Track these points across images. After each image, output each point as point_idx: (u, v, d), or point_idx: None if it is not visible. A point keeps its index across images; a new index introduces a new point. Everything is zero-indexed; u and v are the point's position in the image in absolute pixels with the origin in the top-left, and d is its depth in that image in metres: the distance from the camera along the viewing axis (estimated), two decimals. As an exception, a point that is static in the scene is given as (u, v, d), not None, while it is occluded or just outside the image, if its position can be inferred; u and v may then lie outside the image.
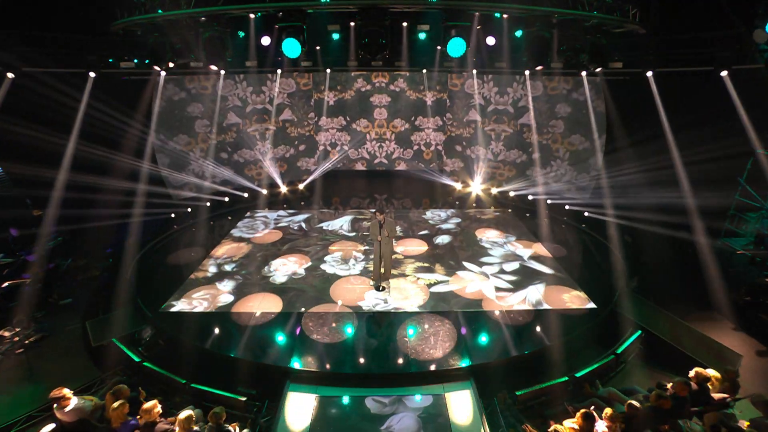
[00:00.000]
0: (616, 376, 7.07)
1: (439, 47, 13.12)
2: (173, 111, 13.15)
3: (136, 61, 9.76)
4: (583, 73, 12.26)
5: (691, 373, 5.77)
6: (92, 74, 10.19)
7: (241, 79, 14.58)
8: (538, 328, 7.75)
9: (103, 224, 10.12)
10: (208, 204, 13.48)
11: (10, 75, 8.97)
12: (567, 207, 13.18)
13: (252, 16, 9.03)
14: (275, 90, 15.15)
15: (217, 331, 7.75)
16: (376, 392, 6.35)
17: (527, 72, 13.36)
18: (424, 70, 14.50)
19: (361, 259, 9.85)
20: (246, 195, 14.50)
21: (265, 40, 11.74)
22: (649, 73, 10.48)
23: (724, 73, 9.09)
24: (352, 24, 11.82)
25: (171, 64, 8.88)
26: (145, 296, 8.72)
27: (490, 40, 11.48)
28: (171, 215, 12.64)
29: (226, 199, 13.83)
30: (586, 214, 12.35)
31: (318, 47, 13.07)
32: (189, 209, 13.22)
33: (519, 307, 8.16)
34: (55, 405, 5.21)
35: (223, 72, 13.42)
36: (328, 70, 14.38)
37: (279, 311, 8.18)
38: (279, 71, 14.15)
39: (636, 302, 8.24)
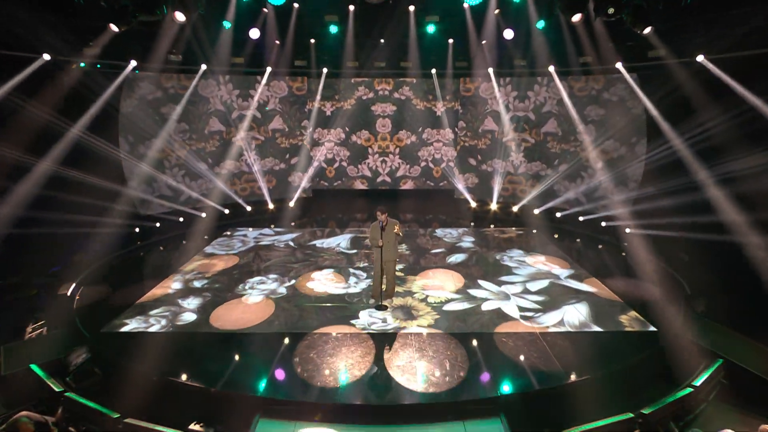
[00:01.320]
0: (696, 418, 5.83)
1: (451, 40, 12.20)
2: (146, 112, 12.38)
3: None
4: (619, 65, 11.34)
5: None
6: (46, 56, 9.19)
7: (226, 81, 13.98)
8: (583, 353, 6.79)
9: (52, 238, 9.29)
10: (182, 219, 12.86)
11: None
12: (603, 224, 12.36)
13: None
14: (264, 94, 14.77)
15: (172, 353, 6.74)
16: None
17: (552, 68, 12.72)
18: (434, 71, 14.13)
19: (362, 278, 9.25)
20: (227, 211, 13.92)
21: (254, 33, 11.13)
22: (701, 58, 9.43)
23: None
24: (351, 8, 11.07)
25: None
26: (87, 315, 7.76)
27: (508, 33, 10.91)
28: (135, 230, 11.84)
29: (203, 215, 13.21)
30: (627, 230, 11.50)
31: (312, 40, 12.40)
32: (158, 224, 12.43)
33: (556, 329, 7.37)
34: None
35: (203, 67, 12.78)
36: (325, 70, 14.01)
37: (255, 329, 7.41)
38: (269, 69, 13.75)
39: (707, 327, 7.25)
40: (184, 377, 6.19)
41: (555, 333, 7.28)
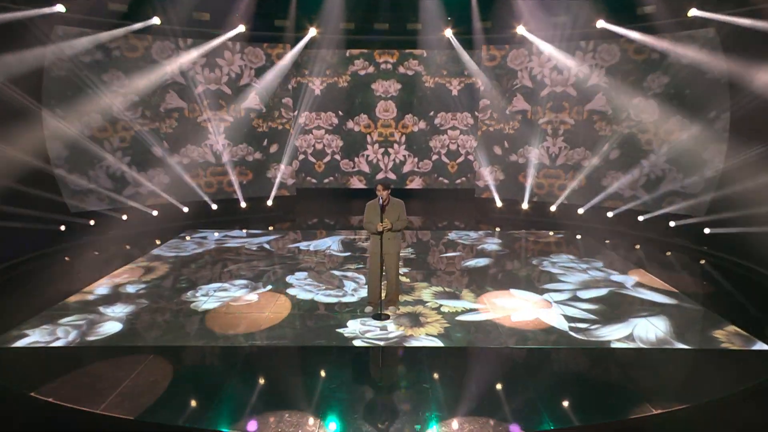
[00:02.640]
0: None
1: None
2: (81, 77, 11.64)
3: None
4: (693, 11, 10.36)
5: None
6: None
7: (188, 44, 13.39)
8: (665, 376, 5.91)
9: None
10: (125, 218, 12.38)
11: None
12: (672, 224, 11.70)
13: None
14: (236, 63, 14.18)
15: (79, 374, 5.78)
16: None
17: (601, 24, 12.11)
18: (450, 32, 13.71)
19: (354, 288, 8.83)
20: (186, 209, 13.50)
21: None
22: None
23: None
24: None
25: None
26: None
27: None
28: (60, 228, 11.10)
29: (155, 213, 12.85)
30: (706, 231, 10.90)
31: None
32: (92, 222, 11.77)
33: (622, 344, 6.65)
34: None
35: (155, 21, 12.14)
36: (313, 30, 13.74)
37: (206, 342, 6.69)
38: (241, 27, 13.21)
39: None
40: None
41: (623, 349, 6.54)
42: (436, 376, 5.81)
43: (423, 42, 14.30)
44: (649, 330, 6.98)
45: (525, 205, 14.42)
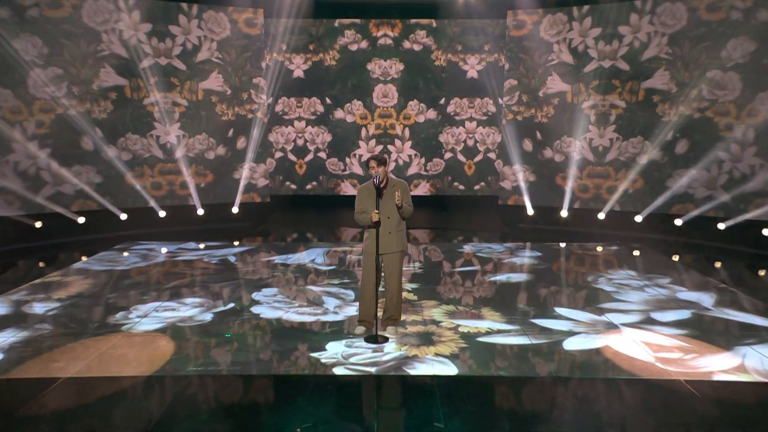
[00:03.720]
0: None
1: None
2: None
3: None
4: None
5: None
6: None
7: (130, 5, 13.03)
8: None
9: None
10: (39, 225, 12.25)
11: None
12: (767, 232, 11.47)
13: None
14: (194, 33, 13.86)
15: None
16: None
17: None
18: None
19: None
20: (124, 217, 13.35)
21: None
22: None
23: None
24: None
25: None
26: None
27: None
28: None
29: (81, 220, 12.66)
30: None
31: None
32: None
33: (733, 377, 6.26)
34: None
35: None
36: None
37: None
38: None
39: None
40: None
41: (735, 383, 6.13)
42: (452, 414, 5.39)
43: (432, 8, 14.28)
44: (765, 361, 6.58)
45: (564, 213, 14.19)
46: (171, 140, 13.83)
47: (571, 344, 6.99)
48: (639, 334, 7.20)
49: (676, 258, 11.62)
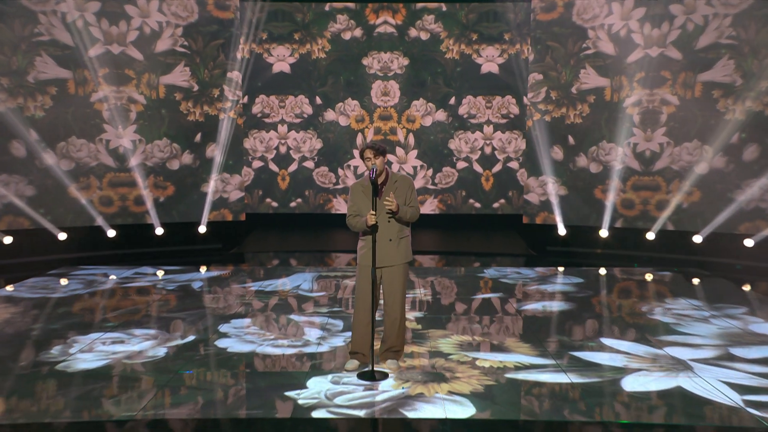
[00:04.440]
0: None
1: None
2: None
3: None
4: None
5: None
6: None
7: None
8: None
9: None
10: None
11: None
12: None
13: None
14: (154, 16, 13.77)
15: None
16: None
17: None
18: None
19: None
20: (63, 236, 13.26)
21: None
22: None
23: None
24: None
25: None
26: None
27: None
28: None
29: (8, 239, 12.75)
30: None
31: None
32: None
33: None
34: None
35: None
36: None
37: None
38: None
39: None
40: None
41: None
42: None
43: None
44: None
45: (604, 233, 14.08)
46: (124, 145, 13.67)
47: (630, 383, 6.82)
48: (717, 373, 7.16)
49: (747, 288, 11.53)
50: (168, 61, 13.94)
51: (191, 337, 8.42)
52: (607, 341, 8.28)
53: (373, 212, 6.37)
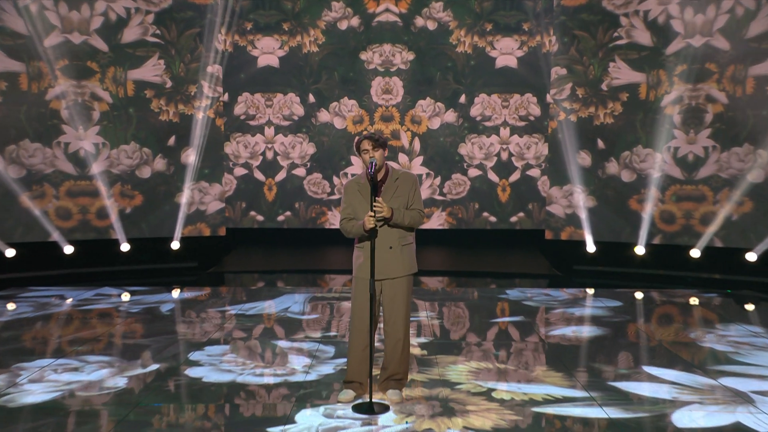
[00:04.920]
0: None
1: None
2: None
3: None
4: None
5: None
6: None
7: None
8: None
9: None
10: None
11: None
12: None
13: None
14: (120, 2, 13.74)
15: None
16: None
17: None
18: None
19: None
20: (11, 253, 13.21)
21: None
22: None
23: None
24: None
25: None
26: None
27: None
28: None
29: None
30: None
31: None
32: None
33: None
34: None
35: None
36: None
37: None
38: None
39: None
40: None
41: None
42: None
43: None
44: None
45: (640, 250, 13.93)
46: (86, 149, 13.52)
47: (683, 418, 6.66)
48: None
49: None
50: (137, 53, 13.80)
51: (154, 366, 8.30)
52: (650, 369, 8.20)
53: (372, 214, 6.21)
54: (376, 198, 6.42)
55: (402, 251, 6.54)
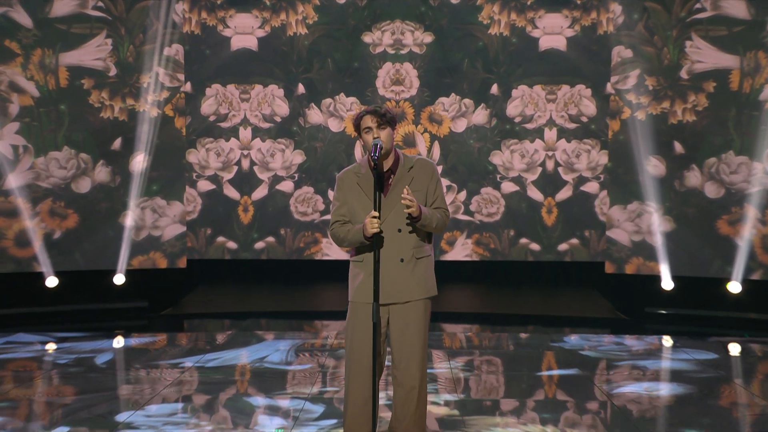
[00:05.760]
0: None
1: None
2: None
3: None
4: None
5: None
6: None
7: None
8: None
9: None
10: None
11: None
12: None
13: None
14: None
15: None
16: None
17: None
18: None
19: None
20: None
21: None
22: None
23: None
24: None
25: None
26: None
27: None
28: None
29: None
30: None
31: None
32: None
33: None
34: None
35: None
36: None
37: None
38: None
39: None
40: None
41: None
42: None
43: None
44: None
45: (735, 287, 13.37)
46: (2, 154, 13.30)
47: None
48: None
49: None
50: (73, 29, 13.54)
51: (64, 429, 7.86)
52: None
53: (376, 215, 5.65)
54: (385, 192, 5.98)
55: (417, 266, 6.07)
